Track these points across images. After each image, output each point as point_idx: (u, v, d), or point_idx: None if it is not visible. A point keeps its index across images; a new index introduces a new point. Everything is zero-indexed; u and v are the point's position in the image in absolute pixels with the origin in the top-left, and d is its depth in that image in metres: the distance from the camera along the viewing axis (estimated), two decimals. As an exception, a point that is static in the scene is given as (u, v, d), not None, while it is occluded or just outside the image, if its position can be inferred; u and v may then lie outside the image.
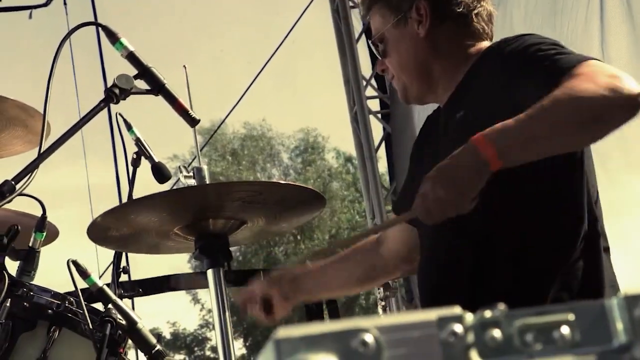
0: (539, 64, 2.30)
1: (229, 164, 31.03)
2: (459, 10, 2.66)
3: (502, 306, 0.86)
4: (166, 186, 3.52)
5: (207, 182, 2.74)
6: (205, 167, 2.73)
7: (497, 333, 0.85)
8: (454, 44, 2.67)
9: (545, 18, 5.59)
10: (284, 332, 0.81)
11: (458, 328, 0.84)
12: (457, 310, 0.84)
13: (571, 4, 5.31)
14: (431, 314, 0.83)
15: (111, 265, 3.56)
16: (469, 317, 0.85)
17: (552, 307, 0.86)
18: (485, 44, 2.70)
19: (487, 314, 0.85)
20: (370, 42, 2.79)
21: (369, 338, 0.82)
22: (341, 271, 3.01)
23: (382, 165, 8.96)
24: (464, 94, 2.61)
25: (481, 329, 0.84)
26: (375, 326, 0.82)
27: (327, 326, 0.82)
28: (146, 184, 3.59)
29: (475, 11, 2.68)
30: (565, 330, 0.85)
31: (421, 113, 7.64)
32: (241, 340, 28.37)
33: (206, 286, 2.74)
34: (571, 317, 0.86)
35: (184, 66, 2.70)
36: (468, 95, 2.58)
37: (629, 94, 2.08)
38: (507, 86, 2.36)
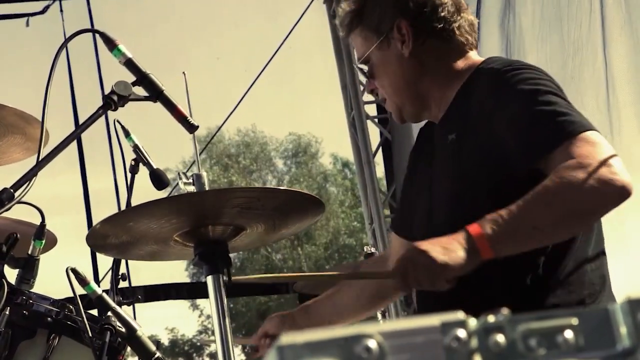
0: (537, 124, 2.32)
1: (225, 170, 31.00)
2: (439, 25, 2.66)
3: (505, 311, 0.86)
4: (163, 193, 3.53)
5: (207, 189, 2.73)
6: (204, 174, 2.72)
7: (500, 338, 0.84)
8: (440, 59, 2.67)
9: (552, 24, 5.60)
10: (287, 338, 0.81)
11: (461, 333, 0.84)
12: (460, 315, 0.84)
13: (575, 10, 5.32)
14: (434, 320, 0.83)
15: (109, 273, 3.56)
16: (473, 322, 0.84)
17: (556, 312, 0.86)
18: (472, 54, 2.70)
19: (491, 318, 0.85)
20: (358, 64, 2.81)
21: (372, 344, 0.82)
22: (351, 294, 3.00)
23: (380, 170, 8.96)
24: (456, 114, 2.61)
25: (485, 334, 0.84)
26: (379, 332, 0.82)
27: (331, 332, 0.82)
28: (145, 191, 3.59)
29: (456, 24, 2.68)
30: (569, 334, 0.85)
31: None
32: (239, 347, 28.34)
33: (206, 296, 2.73)
34: (575, 321, 0.86)
35: (184, 73, 2.69)
36: (460, 117, 2.58)
37: (621, 186, 2.15)
38: (499, 122, 2.38)
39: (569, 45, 5.43)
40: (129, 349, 2.88)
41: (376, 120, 8.86)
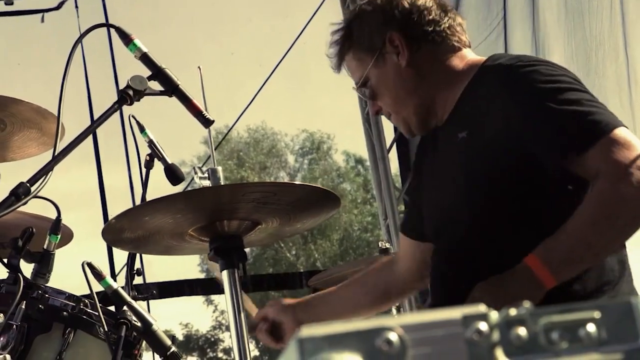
0: (565, 124, 2.30)
1: (237, 167, 31.00)
2: (430, 29, 2.65)
3: (527, 304, 0.85)
4: (177, 187, 3.52)
5: (222, 183, 2.73)
6: (219, 168, 2.72)
7: (522, 331, 0.84)
8: (437, 62, 2.66)
9: (575, 19, 5.58)
10: (307, 330, 0.80)
11: (483, 326, 0.83)
12: (482, 308, 0.83)
13: (596, 4, 5.30)
14: (456, 312, 0.83)
15: (124, 268, 3.56)
16: (494, 315, 0.84)
17: (578, 305, 0.85)
18: (468, 52, 2.68)
19: (512, 312, 0.84)
20: (356, 89, 2.76)
21: (393, 337, 0.81)
22: (357, 294, 2.99)
23: (394, 166, 8.94)
24: (464, 113, 2.58)
25: (506, 327, 0.84)
26: (400, 325, 0.81)
27: (351, 325, 0.81)
28: (159, 186, 3.59)
29: (446, 25, 2.67)
30: (591, 328, 0.84)
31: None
32: (253, 342, 28.39)
33: (220, 292, 2.73)
34: (597, 314, 0.85)
35: (199, 67, 2.69)
36: (469, 115, 2.56)
37: None
38: (519, 122, 2.36)
39: (592, 40, 5.42)
40: (144, 343, 2.88)
41: (390, 116, 8.84)
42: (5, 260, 2.84)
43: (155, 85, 2.54)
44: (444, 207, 2.63)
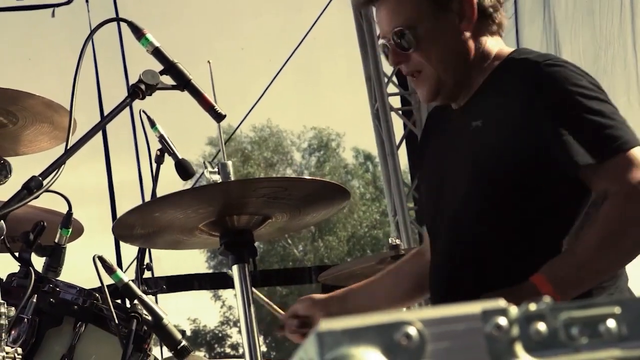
0: (584, 133, 2.30)
1: (242, 163, 30.99)
2: (493, 7, 2.57)
3: (547, 299, 0.84)
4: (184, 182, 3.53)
5: (232, 179, 2.73)
6: (229, 163, 2.72)
7: (542, 326, 0.83)
8: (480, 41, 2.57)
9: (585, 18, 5.57)
10: (326, 324, 0.80)
11: (503, 321, 0.83)
12: (501, 303, 0.83)
13: (607, 4, 5.29)
14: (475, 307, 0.82)
15: (133, 263, 3.57)
16: (514, 310, 0.83)
17: (598, 301, 0.85)
18: (499, 41, 2.63)
19: (532, 307, 0.84)
20: (394, 30, 2.55)
21: (412, 331, 0.81)
22: (390, 286, 2.94)
23: (403, 163, 8.94)
24: (482, 102, 2.54)
25: (526, 322, 0.83)
26: (419, 319, 0.81)
27: (370, 319, 0.81)
28: (167, 180, 3.60)
29: (501, 7, 2.63)
30: (611, 323, 0.84)
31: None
32: (261, 337, 28.34)
33: (229, 287, 2.73)
34: (617, 310, 0.84)
35: (209, 62, 2.69)
36: (487, 104, 2.52)
37: None
38: (543, 120, 2.35)
39: (601, 39, 5.41)
40: (153, 337, 2.89)
41: (400, 112, 8.84)
42: (17, 254, 2.85)
43: (167, 80, 2.54)
44: (446, 196, 2.59)
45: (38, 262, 2.92)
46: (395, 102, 8.88)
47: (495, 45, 2.59)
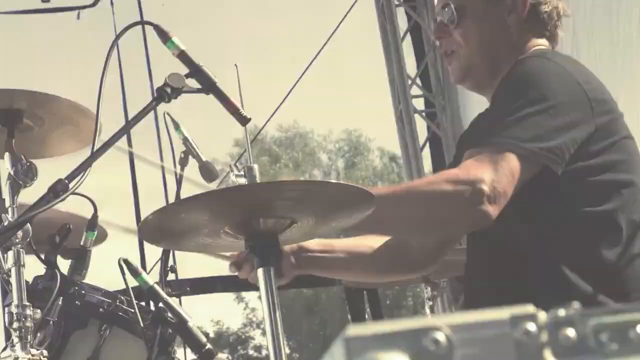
0: (491, 125, 2.39)
1: (269, 164, 31.02)
2: (546, 10, 2.56)
3: (576, 305, 0.84)
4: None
5: (258, 181, 2.73)
6: (256, 166, 2.72)
7: (571, 332, 0.83)
8: (523, 39, 2.58)
9: (602, 20, 5.53)
10: (354, 329, 0.80)
11: (531, 327, 0.82)
12: (530, 308, 0.83)
13: (625, 6, 5.25)
14: (504, 313, 0.82)
15: (157, 265, 3.58)
16: (543, 315, 0.83)
17: (627, 306, 0.84)
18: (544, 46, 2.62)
19: (561, 312, 0.83)
20: (444, 2, 2.58)
21: (440, 336, 0.80)
22: (365, 256, 2.93)
23: (427, 164, 8.92)
24: (491, 98, 2.59)
25: (555, 328, 0.83)
26: (447, 324, 0.80)
27: (398, 324, 0.81)
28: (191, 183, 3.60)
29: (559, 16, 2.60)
30: (641, 330, 0.83)
31: (467, 111, 7.60)
32: (285, 339, 28.26)
33: (254, 289, 2.73)
34: (647, 316, 0.84)
35: (236, 65, 2.69)
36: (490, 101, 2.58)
37: (481, 210, 2.22)
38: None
39: (619, 41, 5.37)
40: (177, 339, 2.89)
41: (423, 114, 8.82)
42: (43, 257, 2.86)
43: (192, 83, 2.54)
44: None
45: (64, 264, 2.93)
46: (419, 104, 8.86)
47: (536, 47, 2.58)
